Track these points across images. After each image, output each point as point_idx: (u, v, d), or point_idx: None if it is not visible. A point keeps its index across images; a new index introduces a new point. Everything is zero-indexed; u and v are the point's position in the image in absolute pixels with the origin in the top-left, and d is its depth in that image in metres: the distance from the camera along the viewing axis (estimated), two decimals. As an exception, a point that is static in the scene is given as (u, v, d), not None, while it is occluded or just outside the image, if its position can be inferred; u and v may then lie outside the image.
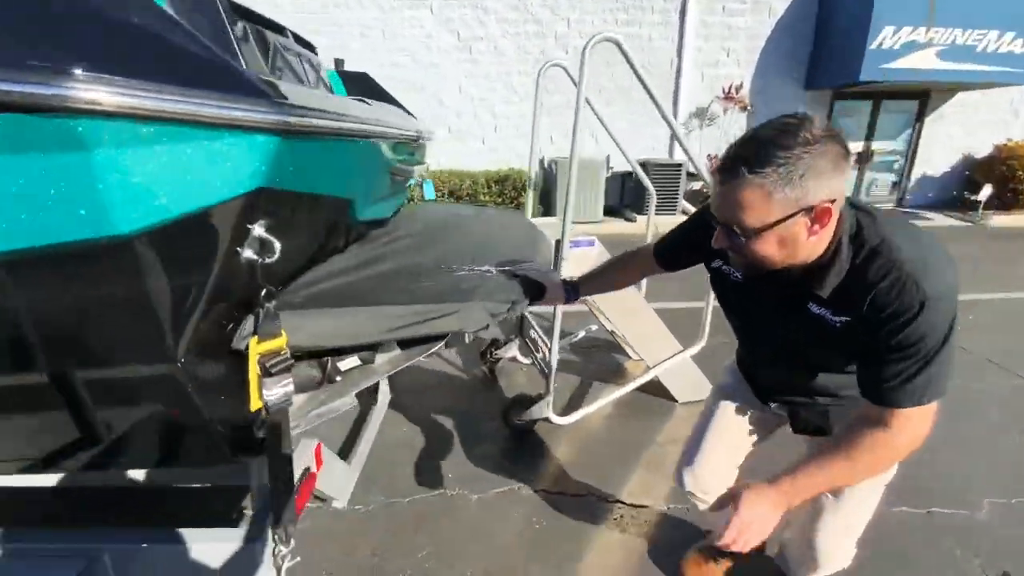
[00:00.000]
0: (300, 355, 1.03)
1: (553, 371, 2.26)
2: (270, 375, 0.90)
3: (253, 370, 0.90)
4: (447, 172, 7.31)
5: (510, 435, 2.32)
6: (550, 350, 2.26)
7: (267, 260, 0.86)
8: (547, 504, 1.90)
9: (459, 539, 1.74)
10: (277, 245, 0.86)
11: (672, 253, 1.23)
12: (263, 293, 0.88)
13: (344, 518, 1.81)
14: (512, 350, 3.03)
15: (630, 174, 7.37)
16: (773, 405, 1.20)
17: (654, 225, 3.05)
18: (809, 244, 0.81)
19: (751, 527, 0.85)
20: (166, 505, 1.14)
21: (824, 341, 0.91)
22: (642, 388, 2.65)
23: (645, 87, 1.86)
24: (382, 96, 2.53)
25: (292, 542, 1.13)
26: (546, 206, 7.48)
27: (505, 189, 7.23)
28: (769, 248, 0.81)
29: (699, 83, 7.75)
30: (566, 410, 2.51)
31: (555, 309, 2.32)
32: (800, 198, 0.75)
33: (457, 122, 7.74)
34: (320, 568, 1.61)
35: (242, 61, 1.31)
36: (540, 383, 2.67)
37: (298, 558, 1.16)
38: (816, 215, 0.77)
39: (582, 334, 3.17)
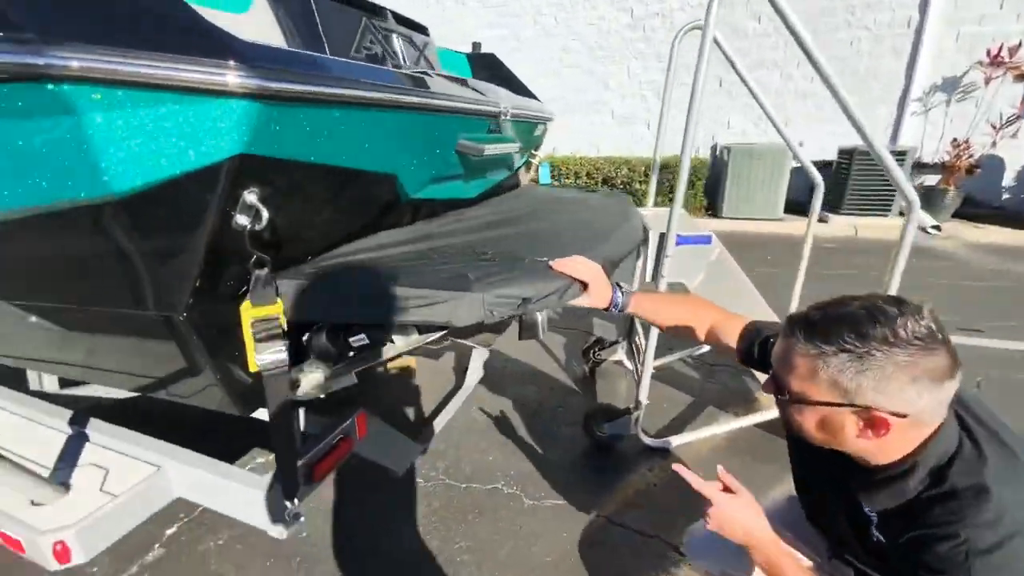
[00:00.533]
0: (305, 325, 1.05)
1: (644, 383, 1.98)
2: (260, 341, 0.93)
3: (247, 333, 0.93)
4: (603, 159, 7.03)
5: (588, 445, 2.11)
6: (643, 360, 1.97)
7: (257, 227, 0.88)
8: (601, 532, 1.67)
9: (497, 541, 1.64)
10: (265, 213, 0.87)
11: (759, 357, 0.97)
12: (253, 259, 0.91)
13: (400, 488, 1.87)
14: (619, 352, 2.76)
15: (830, 164, 6.05)
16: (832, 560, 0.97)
17: (851, 226, 2.41)
18: (858, 445, 0.71)
19: (723, 516, 0.84)
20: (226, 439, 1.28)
21: (858, 538, 0.80)
22: (766, 426, 2.15)
23: (803, 48, 1.40)
24: (505, 76, 2.49)
25: (296, 501, 1.19)
26: (712, 201, 6.65)
27: (665, 178, 6.63)
28: (807, 424, 0.74)
29: (951, 45, 5.87)
30: (663, 432, 2.18)
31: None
32: (851, 393, 0.66)
33: (621, 106, 7.36)
34: (363, 524, 1.69)
35: (324, 40, 1.39)
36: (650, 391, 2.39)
37: (303, 521, 1.22)
38: (870, 422, 0.67)
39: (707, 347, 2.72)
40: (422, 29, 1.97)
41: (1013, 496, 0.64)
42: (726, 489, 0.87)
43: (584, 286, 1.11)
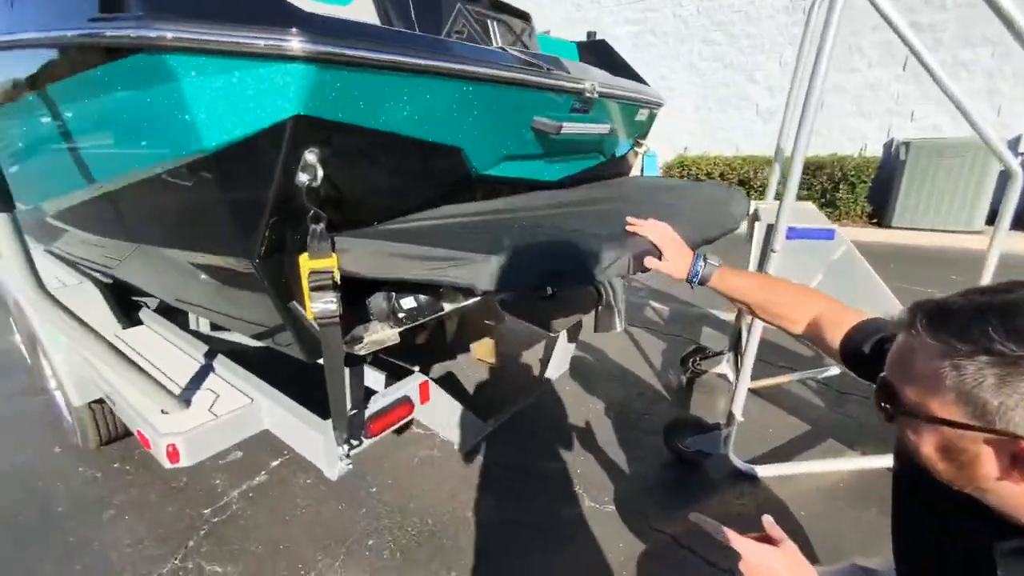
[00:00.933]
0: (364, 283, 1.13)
1: (740, 396, 1.73)
2: (314, 290, 1.02)
3: (304, 283, 1.03)
4: (742, 158, 6.37)
5: (670, 459, 1.92)
6: (742, 367, 1.73)
7: (315, 185, 0.96)
8: (663, 550, 1.50)
9: (543, 534, 1.58)
10: (321, 172, 0.95)
11: (870, 367, 0.72)
12: (311, 214, 1.00)
13: (453, 463, 1.91)
14: (723, 365, 2.46)
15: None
16: None
17: None
18: (1000, 488, 0.50)
19: (752, 567, 0.67)
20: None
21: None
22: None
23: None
24: (615, 62, 2.39)
25: (345, 447, 1.28)
26: (879, 208, 5.58)
27: (815, 181, 5.76)
28: (926, 449, 0.53)
29: None
30: (762, 459, 1.89)
31: (749, 321, 1.76)
32: (990, 413, 0.46)
33: (769, 101, 6.57)
34: (411, 486, 1.76)
35: (415, 23, 1.48)
36: (747, 414, 2.12)
37: (350, 465, 1.31)
38: (1017, 458, 0.47)
39: (836, 371, 2.30)
40: (523, 16, 1.98)
41: None
42: (767, 539, 0.70)
43: (658, 253, 1.02)
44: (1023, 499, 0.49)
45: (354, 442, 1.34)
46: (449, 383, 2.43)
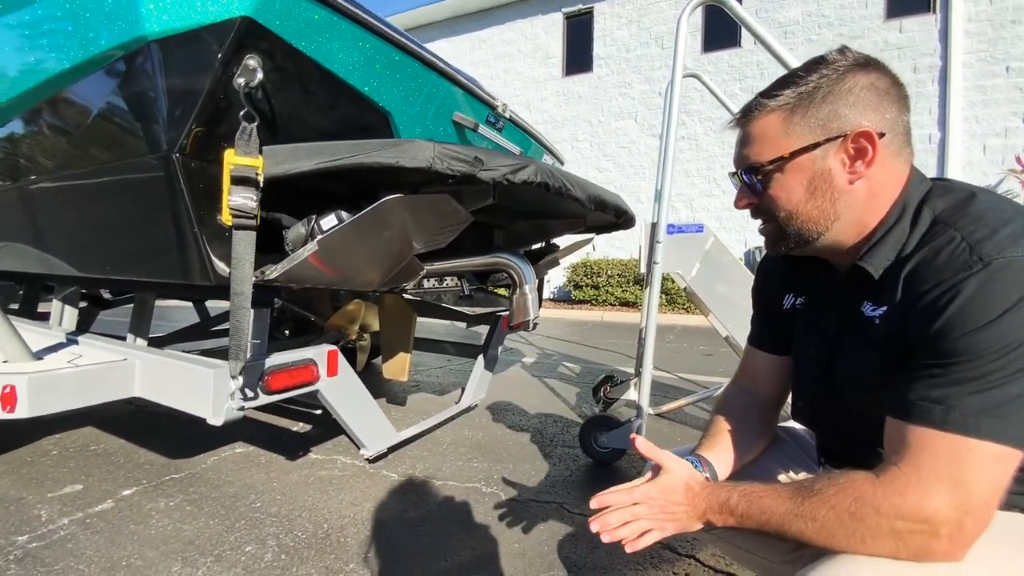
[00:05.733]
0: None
1: (645, 389, 1.82)
2: (235, 184, 1.03)
3: (226, 177, 1.04)
4: (635, 261, 7.24)
5: (585, 463, 1.89)
6: (643, 364, 1.85)
7: (248, 92, 1.03)
8: (586, 529, 1.42)
9: (464, 530, 1.43)
10: (258, 77, 1.03)
11: (767, 326, 0.84)
12: (243, 112, 1.05)
13: (355, 480, 1.72)
14: (632, 391, 2.56)
15: None
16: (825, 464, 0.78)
17: None
18: (852, 195, 0.60)
19: (652, 512, 0.62)
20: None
21: (868, 360, 0.61)
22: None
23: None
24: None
25: (239, 388, 1.16)
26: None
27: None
28: (795, 194, 0.62)
29: (980, 157, 6.02)
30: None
31: (643, 324, 1.95)
32: (827, 121, 0.59)
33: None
34: (304, 499, 1.54)
35: None
36: (658, 434, 2.21)
37: (243, 408, 1.17)
38: (854, 147, 0.58)
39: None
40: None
41: (988, 200, 0.56)
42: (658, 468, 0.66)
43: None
44: (864, 200, 0.60)
45: (249, 392, 1.21)
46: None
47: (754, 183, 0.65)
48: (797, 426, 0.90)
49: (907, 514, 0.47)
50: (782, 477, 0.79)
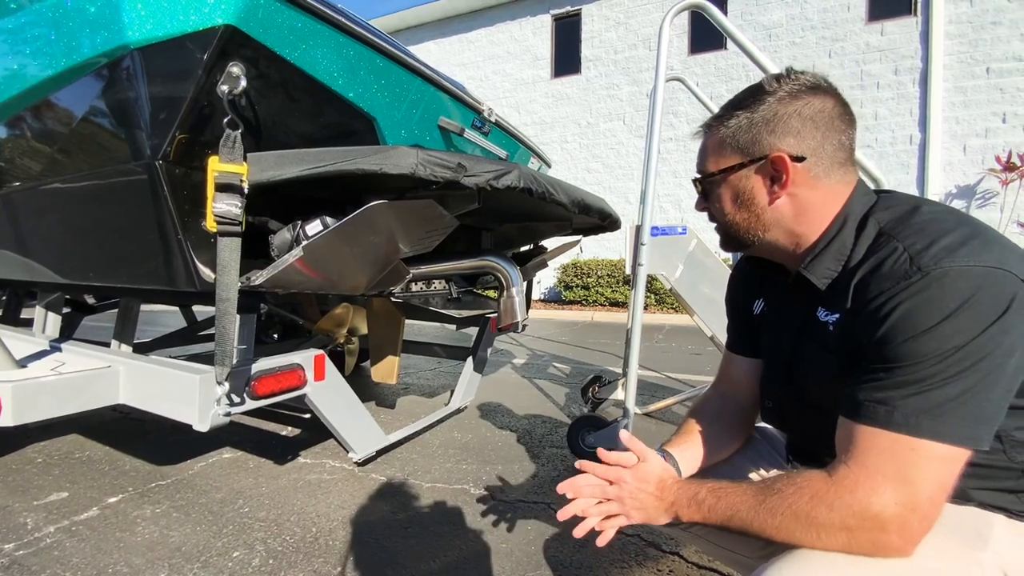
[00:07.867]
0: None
1: (631, 389, 1.84)
2: (219, 191, 1.04)
3: (210, 184, 1.05)
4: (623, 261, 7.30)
5: (574, 463, 1.91)
6: (628, 364, 1.88)
7: (231, 99, 1.03)
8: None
9: (451, 531, 1.45)
10: (241, 85, 1.04)
11: (740, 331, 0.88)
12: (227, 119, 1.06)
13: (344, 484, 1.72)
14: (620, 391, 2.59)
15: None
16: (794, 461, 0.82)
17: None
18: (777, 211, 0.66)
19: (622, 495, 0.68)
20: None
21: (825, 363, 0.65)
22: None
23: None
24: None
25: (226, 393, 1.16)
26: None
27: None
28: (726, 204, 0.70)
29: (960, 156, 6.15)
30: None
31: (628, 326, 1.97)
32: (748, 146, 0.65)
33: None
34: (292, 503, 1.54)
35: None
36: (645, 432, 2.22)
37: (229, 412, 1.17)
38: (773, 170, 0.64)
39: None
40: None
41: (932, 211, 0.59)
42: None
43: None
44: (791, 219, 0.65)
45: (235, 398, 1.22)
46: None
47: (702, 191, 0.74)
48: (769, 426, 0.94)
49: (857, 512, 0.50)
50: (753, 475, 0.82)
